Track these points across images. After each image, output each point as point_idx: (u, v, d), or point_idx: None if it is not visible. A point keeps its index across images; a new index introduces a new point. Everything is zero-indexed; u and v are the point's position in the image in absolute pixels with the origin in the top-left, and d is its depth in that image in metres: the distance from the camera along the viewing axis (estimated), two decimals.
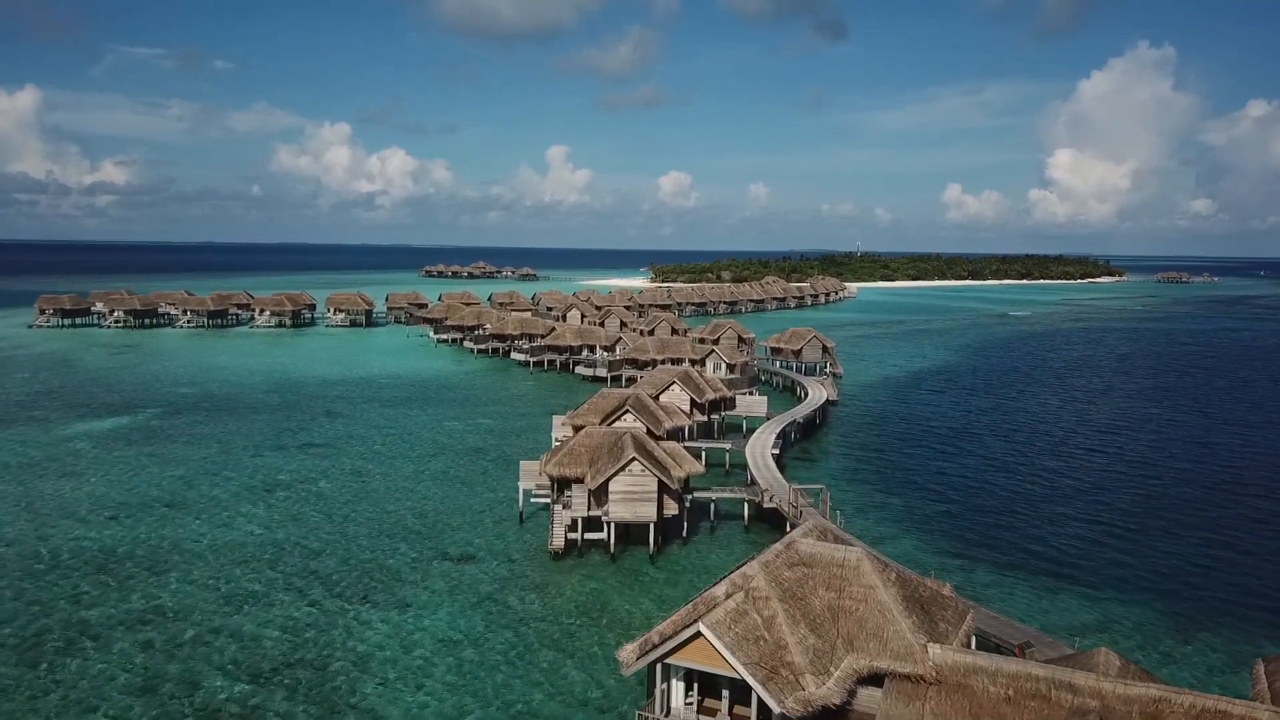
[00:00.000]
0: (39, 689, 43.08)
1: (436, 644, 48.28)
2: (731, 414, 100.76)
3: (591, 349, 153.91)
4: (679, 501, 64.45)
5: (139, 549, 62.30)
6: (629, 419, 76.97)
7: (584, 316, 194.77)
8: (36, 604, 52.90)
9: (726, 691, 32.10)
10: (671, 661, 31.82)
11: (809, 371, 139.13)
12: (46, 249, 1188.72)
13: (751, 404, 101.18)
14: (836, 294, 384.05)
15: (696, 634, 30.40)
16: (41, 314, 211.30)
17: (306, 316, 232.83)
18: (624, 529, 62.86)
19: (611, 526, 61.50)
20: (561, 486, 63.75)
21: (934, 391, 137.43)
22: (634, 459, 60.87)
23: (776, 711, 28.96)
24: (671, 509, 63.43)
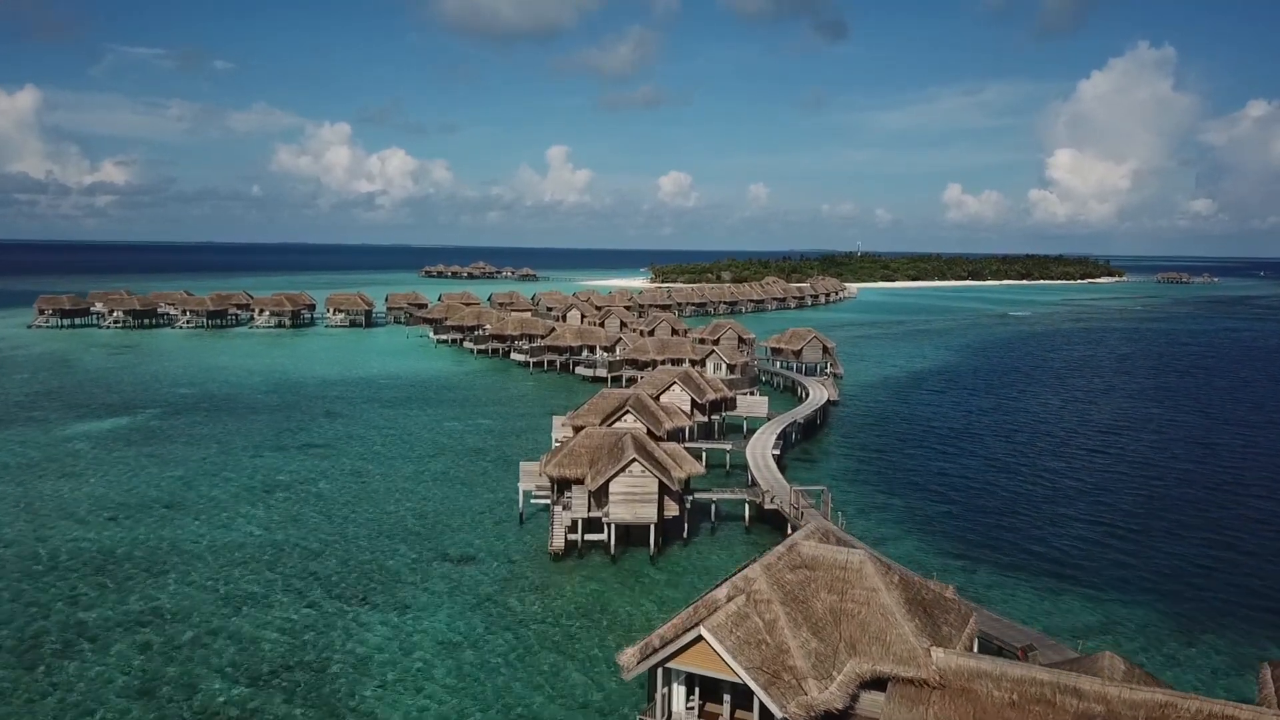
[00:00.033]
0: (36, 691, 42.83)
1: (436, 646, 48.05)
2: (732, 414, 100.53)
3: (591, 349, 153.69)
4: (680, 503, 64.21)
5: (138, 550, 62.06)
6: (629, 420, 76.73)
7: (584, 317, 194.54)
8: (34, 605, 52.66)
9: (728, 696, 31.86)
10: (673, 665, 31.57)
11: (809, 372, 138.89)
12: (46, 249, 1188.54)
13: (752, 404, 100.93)
14: (837, 294, 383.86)
15: (698, 638, 30.14)
16: (41, 314, 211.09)
17: (306, 317, 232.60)
18: (624, 530, 62.62)
19: (612, 528, 61.25)
20: (561, 487, 63.51)
21: (935, 392, 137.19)
22: (634, 460, 60.63)
23: (779, 716, 28.71)
24: (672, 510, 63.20)
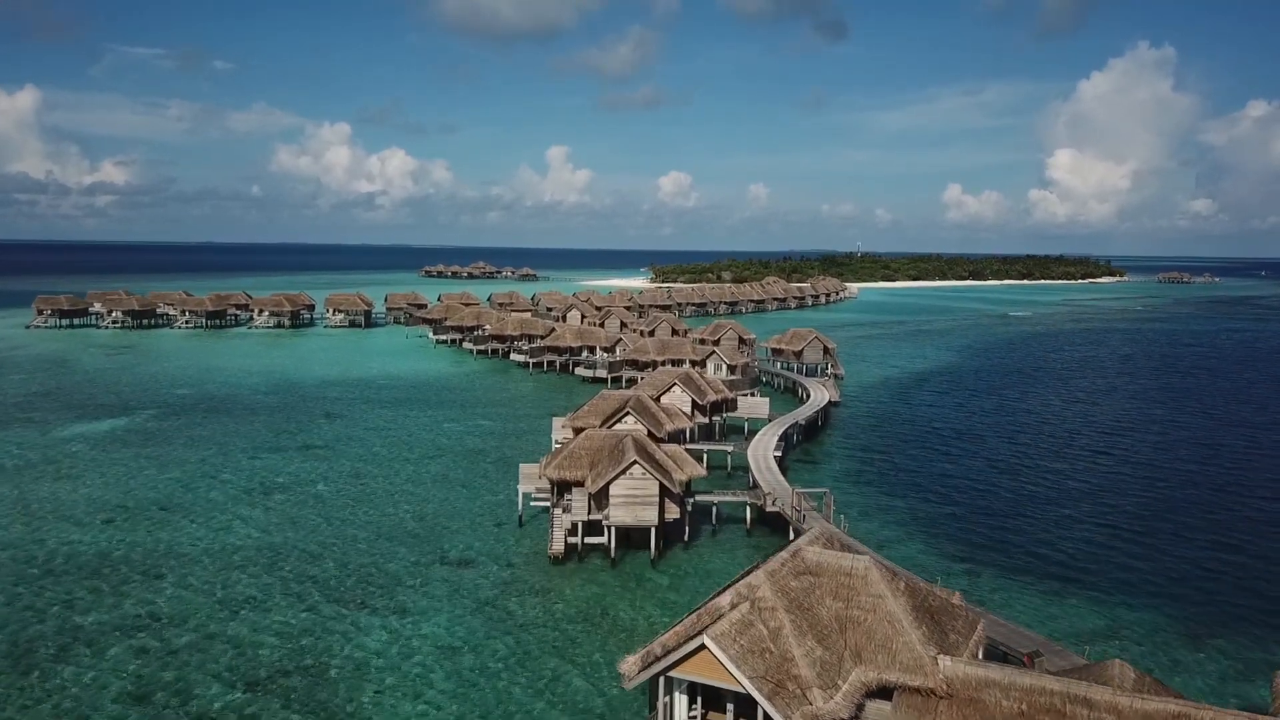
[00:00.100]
0: (31, 697, 42.33)
1: (435, 650, 47.55)
2: (733, 416, 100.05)
3: (591, 350, 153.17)
4: (681, 505, 63.69)
5: (135, 553, 61.55)
6: (630, 421, 76.20)
7: (584, 317, 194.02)
8: (30, 609, 52.17)
9: (731, 705, 31.28)
10: (675, 674, 31.04)
11: (810, 372, 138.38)
12: (46, 249, 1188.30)
13: (753, 405, 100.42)
14: (837, 294, 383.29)
15: (701, 646, 29.61)
16: (39, 314, 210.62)
17: (305, 317, 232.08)
18: (625, 533, 62.09)
19: (612, 530, 60.71)
20: (561, 490, 62.99)
21: (936, 392, 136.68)
22: (635, 462, 60.11)
23: None
24: (673, 513, 62.71)
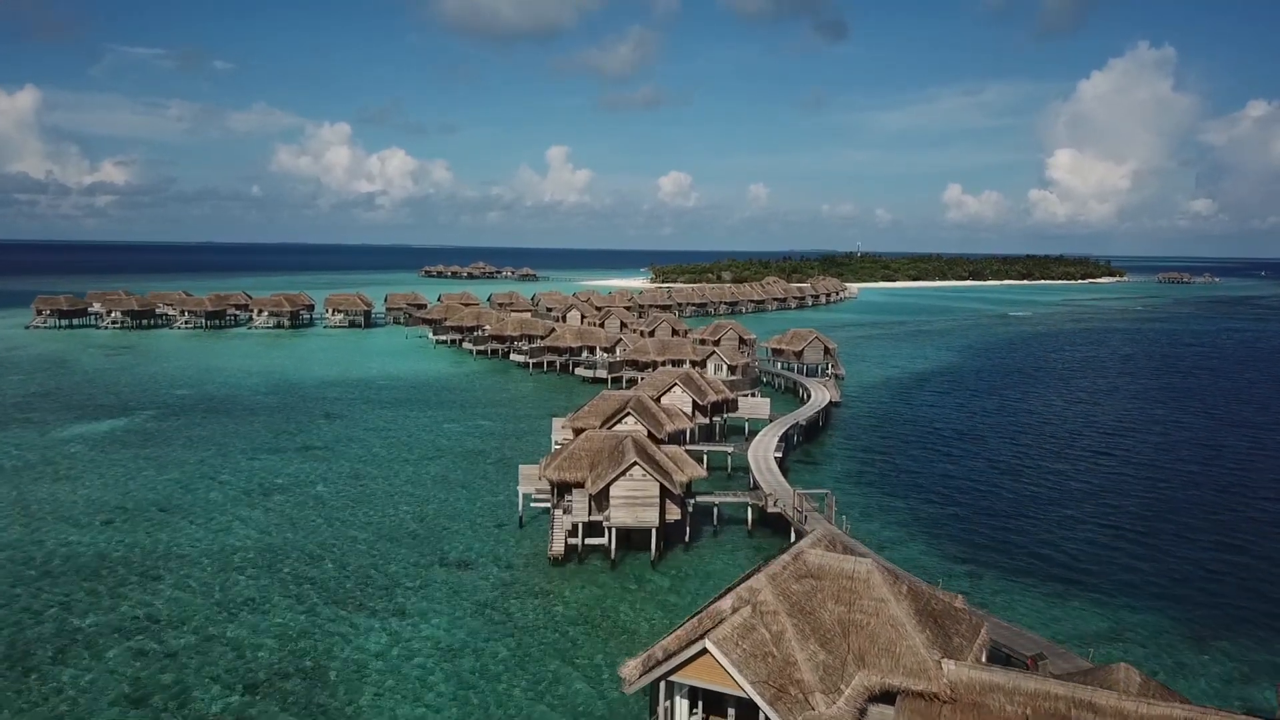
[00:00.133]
0: (29, 699, 42.08)
1: (435, 652, 47.31)
2: (734, 416, 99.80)
3: (591, 350, 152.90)
4: (681, 506, 63.44)
5: (133, 554, 61.30)
6: (630, 422, 75.95)
7: (584, 317, 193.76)
8: (28, 611, 51.92)
9: (732, 710, 31.00)
10: (676, 679, 30.78)
11: (810, 373, 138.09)
12: (46, 249, 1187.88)
13: (754, 406, 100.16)
14: (837, 294, 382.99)
15: (702, 650, 29.34)
16: (38, 314, 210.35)
17: (305, 317, 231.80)
18: (625, 534, 61.85)
19: (613, 532, 60.46)
20: (561, 491, 62.75)
21: (937, 393, 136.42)
22: (635, 463, 59.87)
23: None
24: (674, 514, 62.46)
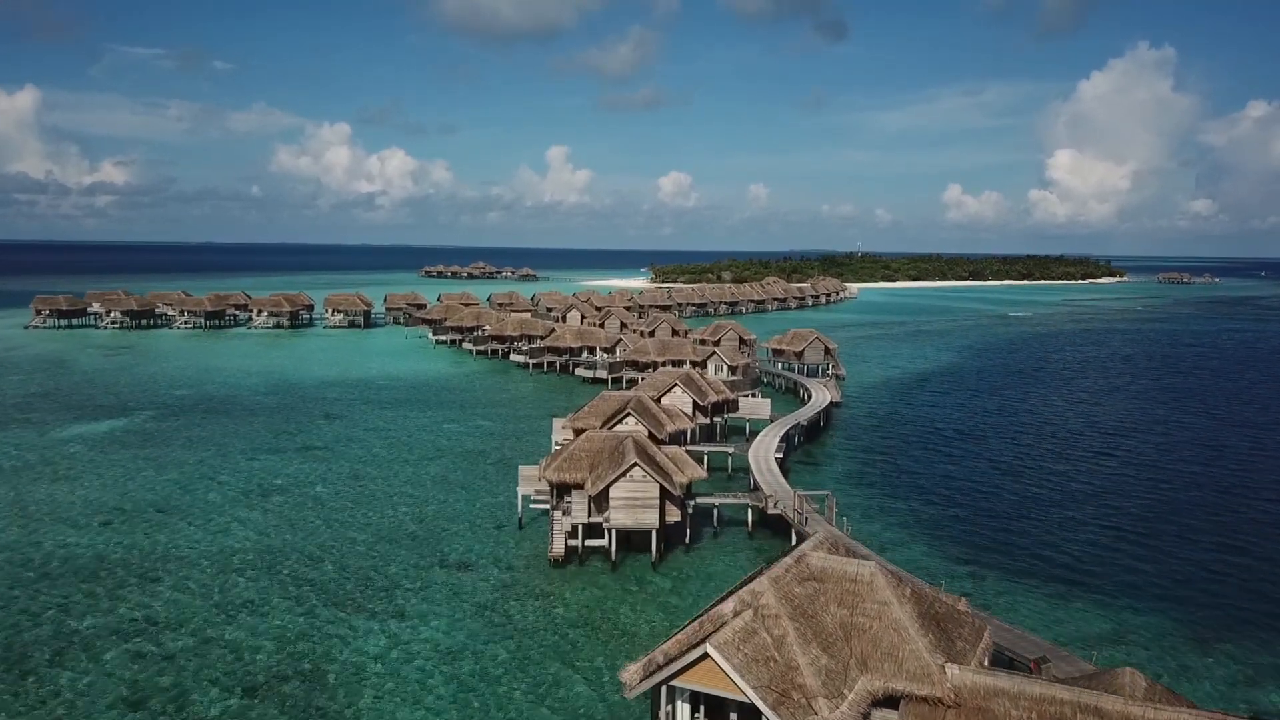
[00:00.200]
0: (26, 702, 41.84)
1: (435, 655, 47.07)
2: (734, 416, 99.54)
3: (592, 350, 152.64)
4: (681, 508, 63.19)
5: (132, 555, 61.06)
6: (630, 422, 75.69)
7: (584, 317, 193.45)
8: (25, 613, 51.68)
9: (734, 715, 30.75)
10: (677, 683, 30.52)
11: (811, 373, 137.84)
12: (45, 249, 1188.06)
13: (755, 406, 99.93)
14: (837, 294, 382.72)
15: (703, 655, 29.08)
16: (38, 314, 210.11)
17: (304, 317, 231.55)
18: (625, 536, 61.59)
19: (613, 533, 60.21)
20: (561, 492, 62.51)
21: (938, 393, 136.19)
22: (636, 464, 59.62)
23: None
24: (674, 515, 62.21)
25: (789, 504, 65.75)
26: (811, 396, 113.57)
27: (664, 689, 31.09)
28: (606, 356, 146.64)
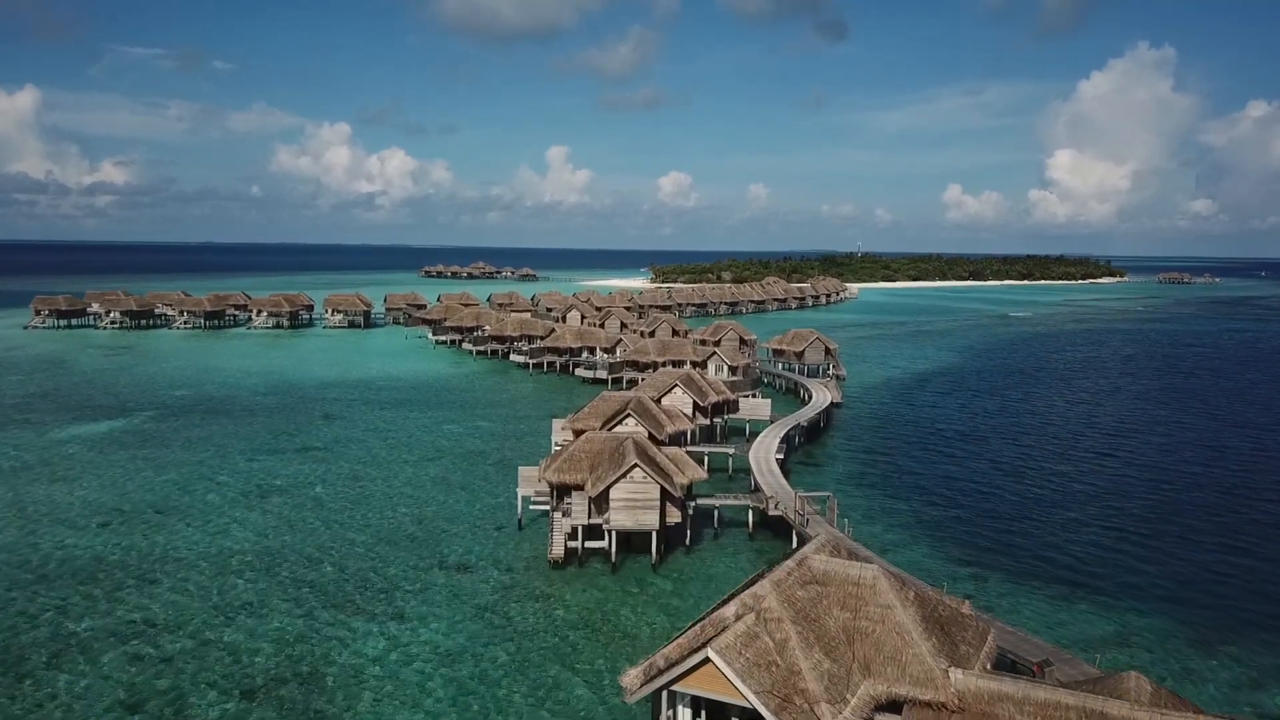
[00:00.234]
0: (23, 705, 41.58)
1: (434, 657, 46.82)
2: (735, 417, 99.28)
3: (592, 351, 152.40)
4: (682, 509, 62.92)
5: (130, 557, 60.80)
6: (630, 423, 75.41)
7: (584, 318, 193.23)
8: (23, 614, 51.43)
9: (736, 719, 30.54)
10: (678, 688, 30.25)
11: (812, 373, 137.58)
12: (45, 249, 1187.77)
13: (755, 407, 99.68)
14: (838, 295, 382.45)
15: (705, 659, 28.81)
16: (37, 315, 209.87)
17: (304, 317, 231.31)
18: (625, 537, 61.35)
19: (613, 535, 59.96)
20: (561, 493, 62.26)
21: (939, 393, 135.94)
22: (636, 465, 59.35)
23: None
24: (674, 517, 61.95)
25: (790, 505, 65.51)
26: (812, 397, 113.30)
27: (665, 694, 30.84)
28: (606, 357, 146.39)
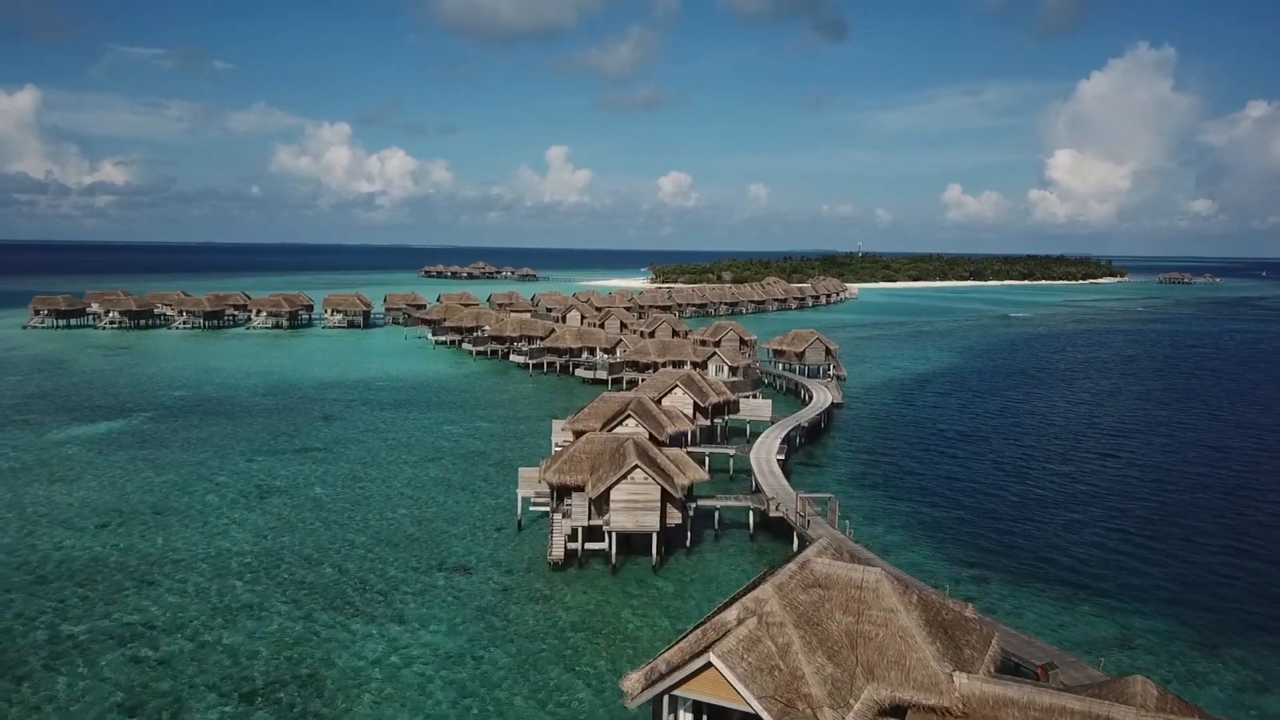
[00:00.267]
0: (21, 708, 41.32)
1: (434, 659, 46.56)
2: (735, 418, 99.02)
3: (592, 351, 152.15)
4: (683, 510, 62.67)
5: (129, 558, 60.54)
6: (631, 424, 75.11)
7: (584, 318, 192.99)
8: (21, 616, 51.17)
9: None
10: (679, 693, 29.98)
11: (812, 374, 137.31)
12: (45, 249, 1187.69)
13: (756, 407, 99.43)
14: (838, 295, 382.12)
15: (706, 664, 28.54)
16: (36, 315, 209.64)
17: (304, 317, 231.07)
18: (626, 539, 61.10)
19: (613, 536, 59.71)
20: (561, 494, 61.99)
21: (939, 394, 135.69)
22: (636, 466, 59.08)
23: None
24: (675, 518, 61.69)
25: (791, 506, 65.25)
26: (813, 397, 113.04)
27: (666, 698, 30.58)
28: (606, 357, 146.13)
